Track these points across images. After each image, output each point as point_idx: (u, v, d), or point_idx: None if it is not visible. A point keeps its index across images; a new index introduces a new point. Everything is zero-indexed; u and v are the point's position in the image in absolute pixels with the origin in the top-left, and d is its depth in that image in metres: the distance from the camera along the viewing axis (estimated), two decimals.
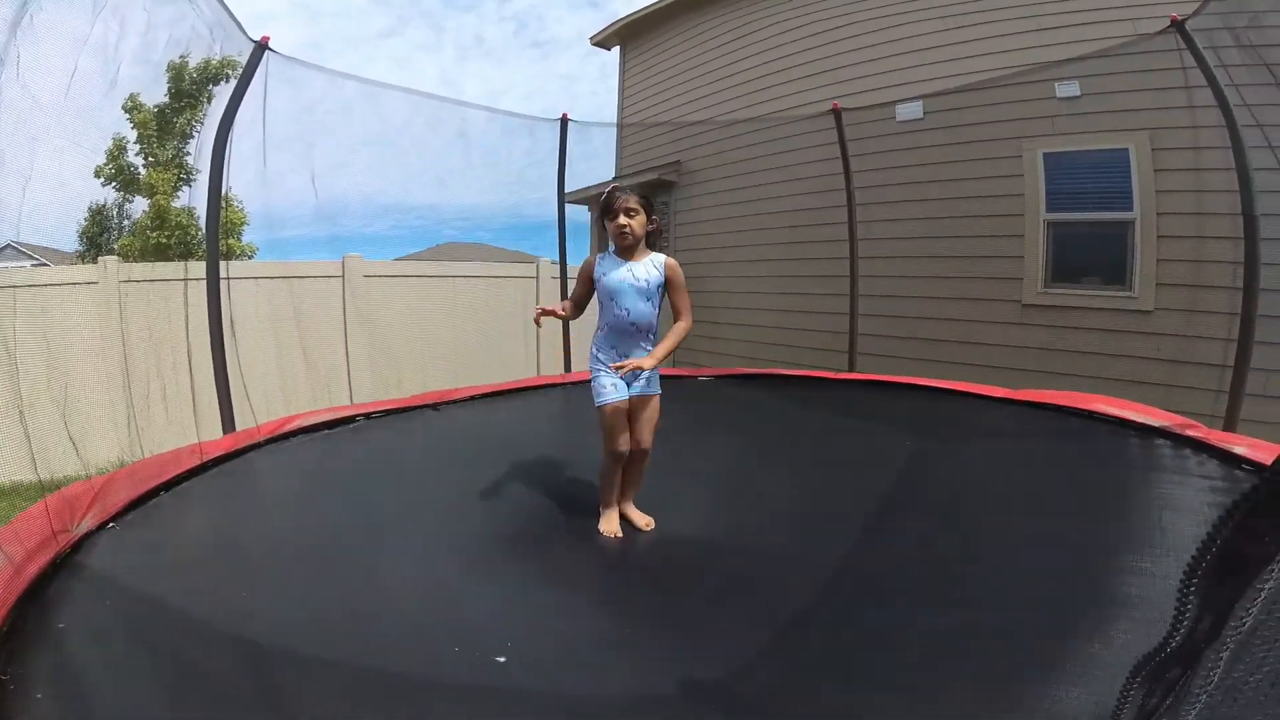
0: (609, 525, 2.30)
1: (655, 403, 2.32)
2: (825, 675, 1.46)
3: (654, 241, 2.36)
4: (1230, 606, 0.76)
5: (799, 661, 1.51)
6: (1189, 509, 2.29)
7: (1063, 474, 2.84)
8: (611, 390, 2.25)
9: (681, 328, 2.27)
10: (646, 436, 2.30)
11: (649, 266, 2.28)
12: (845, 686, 1.43)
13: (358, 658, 1.52)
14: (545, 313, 2.38)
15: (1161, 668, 0.90)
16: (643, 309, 2.25)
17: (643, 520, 2.32)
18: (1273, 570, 0.71)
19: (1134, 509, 2.35)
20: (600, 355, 2.34)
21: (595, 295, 2.37)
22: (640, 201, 2.28)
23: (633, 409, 2.26)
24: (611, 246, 2.37)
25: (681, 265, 2.34)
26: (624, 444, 2.25)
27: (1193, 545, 2.00)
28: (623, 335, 2.28)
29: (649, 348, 2.28)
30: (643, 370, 2.13)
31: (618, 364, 2.16)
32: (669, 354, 2.23)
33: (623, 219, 2.26)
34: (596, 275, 2.32)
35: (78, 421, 4.79)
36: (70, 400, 4.83)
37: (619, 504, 2.35)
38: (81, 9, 2.68)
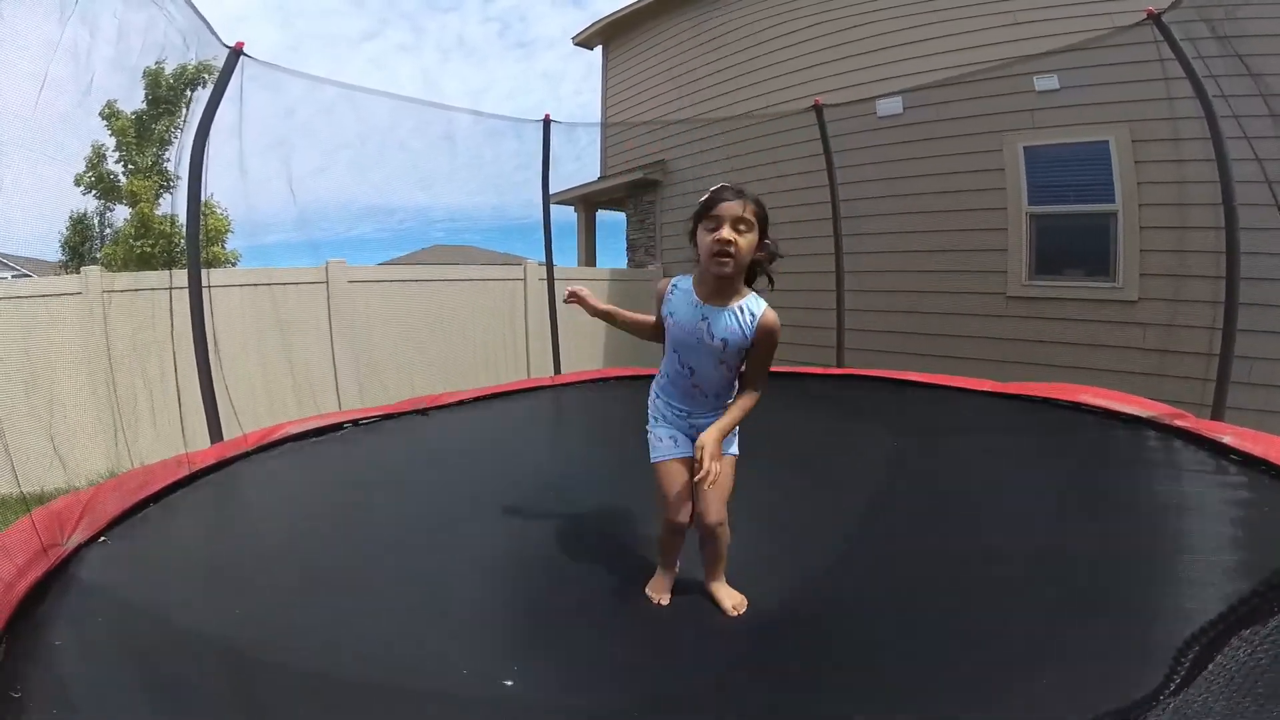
0: (657, 589, 1.79)
1: (729, 466, 1.71)
2: (821, 682, 1.46)
3: (753, 277, 1.73)
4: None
5: (798, 674, 1.50)
6: (1181, 500, 2.31)
7: (1053, 467, 2.86)
8: (669, 444, 1.76)
9: (749, 402, 1.69)
10: (713, 508, 1.65)
11: (736, 317, 1.64)
12: (841, 693, 1.43)
13: (356, 675, 1.50)
14: (575, 297, 1.92)
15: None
16: (711, 375, 1.69)
17: (730, 601, 1.71)
18: None
19: (1127, 501, 2.36)
20: (659, 399, 1.84)
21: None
22: (757, 212, 1.58)
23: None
24: (694, 274, 1.71)
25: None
26: (684, 515, 1.70)
27: (1185, 536, 2.01)
28: (683, 393, 1.75)
29: (717, 410, 1.73)
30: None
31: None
32: (732, 428, 1.68)
33: (727, 231, 1.54)
34: (664, 313, 1.73)
35: (63, 434, 4.73)
36: (54, 412, 4.77)
37: (706, 581, 1.78)
38: (49, 14, 2.64)
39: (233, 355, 4.72)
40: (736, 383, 1.74)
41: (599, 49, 10.39)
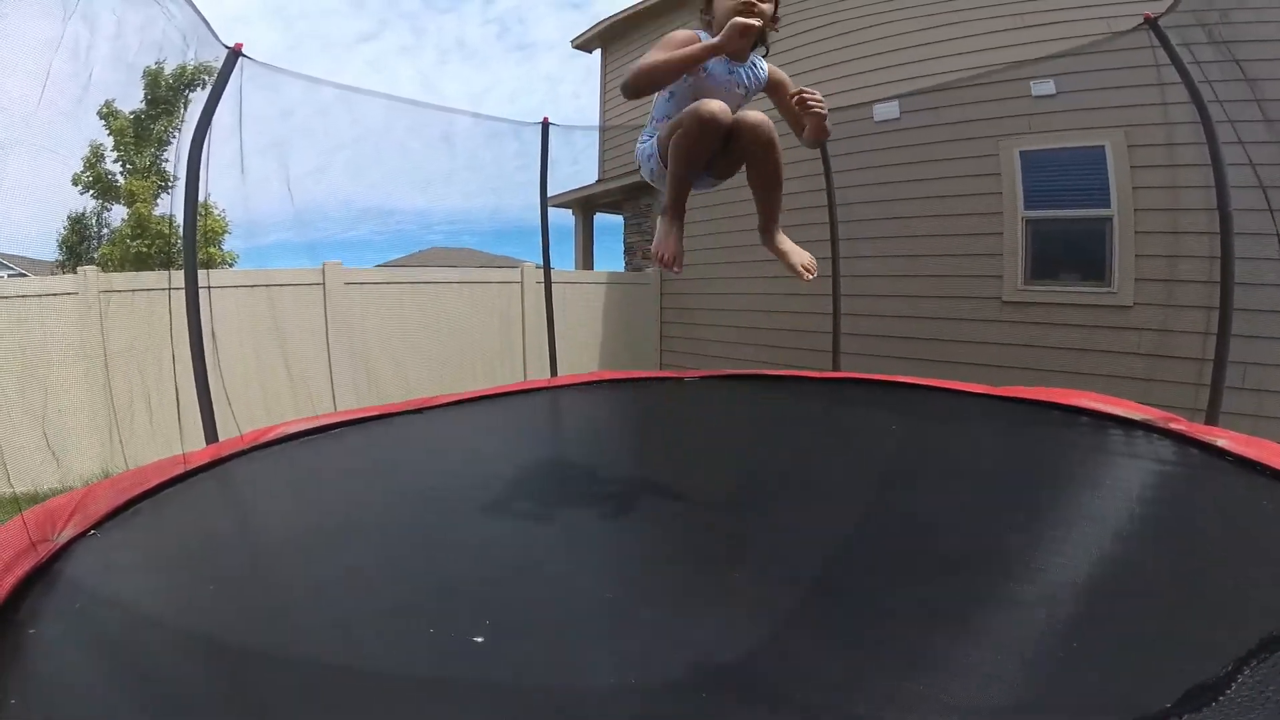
0: (670, 245, 1.77)
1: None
2: (824, 663, 1.45)
3: (755, 44, 1.80)
4: None
5: (796, 647, 1.50)
6: (1178, 504, 2.32)
7: (1049, 471, 2.86)
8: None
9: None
10: (754, 116, 1.63)
11: (752, 70, 1.79)
12: (846, 686, 1.43)
13: (353, 675, 1.49)
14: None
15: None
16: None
17: (799, 260, 1.78)
18: None
19: (1123, 504, 2.37)
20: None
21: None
22: None
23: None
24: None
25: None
26: (725, 114, 1.57)
27: (1184, 539, 2.02)
28: None
29: None
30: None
31: None
32: None
33: None
34: (701, 71, 1.71)
35: (57, 433, 4.72)
36: (49, 412, 4.76)
37: (762, 234, 1.81)
38: (49, 11, 2.64)
39: (229, 356, 4.72)
40: None
41: (598, 52, 10.43)
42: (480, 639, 1.49)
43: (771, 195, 1.73)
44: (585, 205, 10.57)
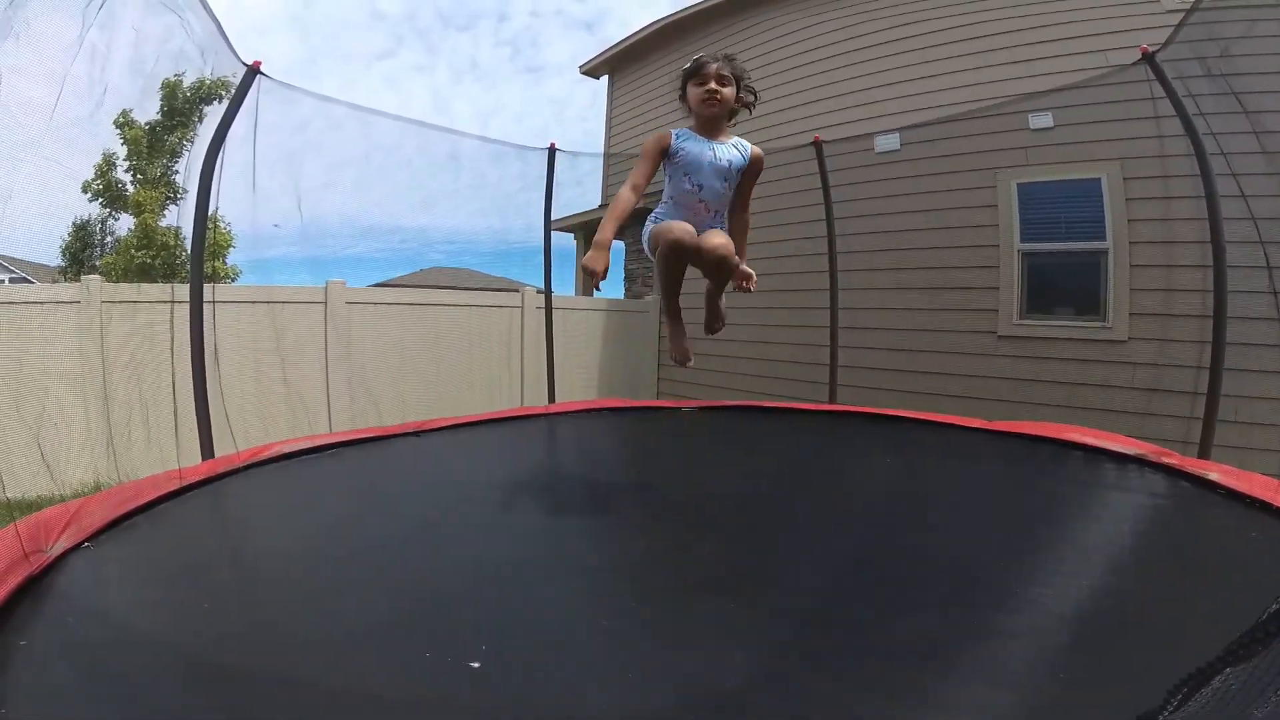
0: (678, 348, 2.18)
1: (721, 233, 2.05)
2: (816, 695, 1.46)
3: (733, 115, 2.13)
4: None
5: (789, 678, 1.50)
6: (1170, 538, 2.33)
7: (1042, 506, 2.87)
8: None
9: (745, 219, 2.15)
10: (713, 240, 1.97)
11: (732, 149, 2.06)
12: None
13: (344, 695, 1.49)
14: (593, 273, 2.10)
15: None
16: (716, 188, 2.04)
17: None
18: None
19: (1115, 539, 2.39)
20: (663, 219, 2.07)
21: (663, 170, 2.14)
22: (734, 70, 2.03)
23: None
24: (690, 124, 2.11)
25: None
26: (691, 236, 1.93)
27: (1176, 573, 2.03)
28: (689, 211, 2.07)
29: (719, 224, 2.10)
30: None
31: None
32: (744, 240, 2.12)
33: (712, 84, 1.99)
34: (673, 148, 2.07)
35: (52, 444, 4.71)
36: (45, 422, 4.75)
37: (707, 295, 2.22)
38: (71, 18, 2.69)
39: (229, 372, 4.73)
40: (727, 209, 2.09)
41: (605, 78, 10.58)
42: (476, 664, 1.49)
43: (719, 289, 2.12)
44: (588, 230, 10.64)
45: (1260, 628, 0.79)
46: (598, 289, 2.05)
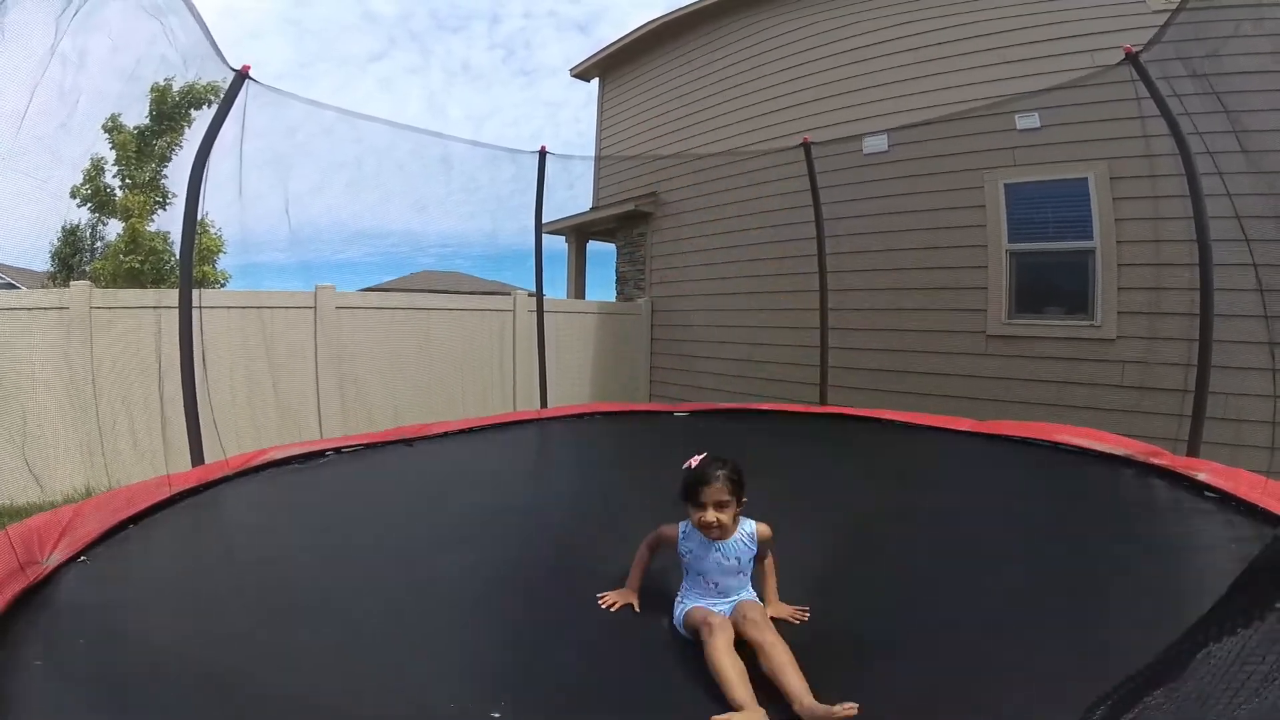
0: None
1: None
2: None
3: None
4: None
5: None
6: (1158, 538, 2.35)
7: (1032, 507, 2.89)
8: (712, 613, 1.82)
9: (770, 566, 2.01)
10: (758, 633, 1.70)
11: (738, 544, 1.92)
12: None
13: (336, 703, 1.48)
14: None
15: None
16: (730, 581, 1.91)
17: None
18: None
19: (1104, 539, 2.40)
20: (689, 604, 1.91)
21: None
22: (732, 489, 1.89)
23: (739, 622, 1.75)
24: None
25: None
26: (725, 635, 1.69)
27: (1160, 573, 2.04)
28: (712, 589, 1.92)
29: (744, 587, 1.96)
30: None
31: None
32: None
33: (710, 515, 1.86)
34: (682, 550, 1.97)
35: (39, 450, 4.66)
36: (31, 429, 4.70)
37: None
38: (52, 23, 2.66)
39: (218, 377, 4.70)
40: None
41: (595, 81, 10.58)
42: (497, 715, 1.47)
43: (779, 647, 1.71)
44: (579, 232, 10.63)
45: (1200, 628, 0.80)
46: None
